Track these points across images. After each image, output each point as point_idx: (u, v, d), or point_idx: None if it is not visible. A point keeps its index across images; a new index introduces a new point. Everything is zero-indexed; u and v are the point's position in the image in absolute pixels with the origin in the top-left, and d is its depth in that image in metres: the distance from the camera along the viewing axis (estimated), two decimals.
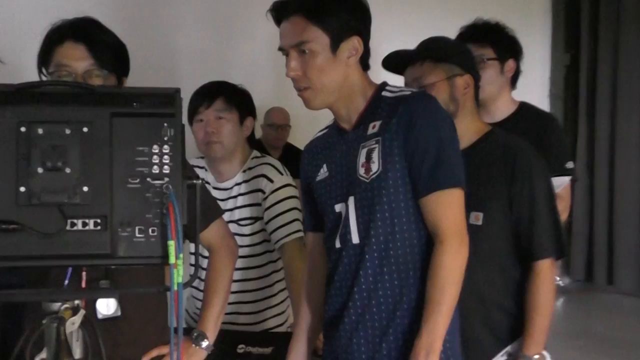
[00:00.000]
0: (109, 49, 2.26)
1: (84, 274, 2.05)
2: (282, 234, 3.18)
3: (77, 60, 2.21)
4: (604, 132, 7.75)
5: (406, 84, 2.74)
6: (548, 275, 2.62)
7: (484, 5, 5.16)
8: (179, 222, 1.46)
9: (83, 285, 2.02)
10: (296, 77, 2.28)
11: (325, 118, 2.57)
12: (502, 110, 3.34)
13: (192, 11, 5.76)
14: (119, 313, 2.21)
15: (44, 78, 2.26)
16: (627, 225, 7.58)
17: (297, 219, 3.20)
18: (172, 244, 1.45)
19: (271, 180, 3.23)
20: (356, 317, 2.30)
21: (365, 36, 2.31)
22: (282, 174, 3.28)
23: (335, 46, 2.25)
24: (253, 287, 3.27)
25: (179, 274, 1.47)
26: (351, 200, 2.29)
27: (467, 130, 2.61)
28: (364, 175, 2.26)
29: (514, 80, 3.38)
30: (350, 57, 2.28)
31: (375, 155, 2.24)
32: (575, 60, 8.10)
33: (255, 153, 3.37)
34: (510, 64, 3.31)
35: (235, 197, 3.25)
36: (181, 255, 1.47)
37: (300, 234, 3.18)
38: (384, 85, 2.38)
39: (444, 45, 2.80)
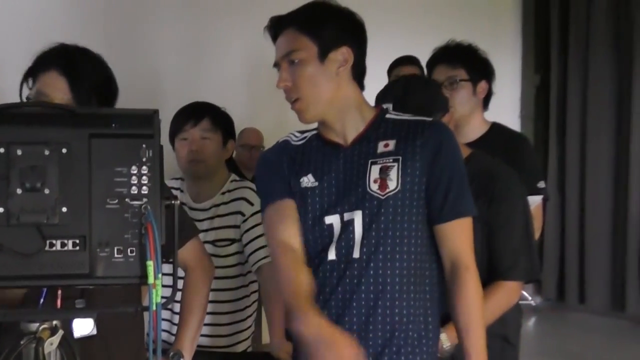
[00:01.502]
0: (91, 86, 2.26)
1: (59, 293, 2.05)
2: (261, 255, 3.18)
3: (57, 91, 2.21)
4: (575, 152, 7.82)
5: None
6: (512, 293, 2.69)
7: (455, 27, 5.21)
8: (157, 243, 1.47)
9: (59, 304, 2.02)
10: (286, 88, 2.28)
11: None
12: (474, 130, 3.37)
13: (164, 32, 5.77)
14: (95, 332, 2.21)
15: (24, 98, 2.26)
16: (598, 244, 7.64)
17: None
18: (150, 264, 1.46)
19: (251, 204, 3.25)
20: (351, 333, 2.23)
21: (357, 50, 2.31)
22: None
23: (323, 55, 2.25)
24: (225, 310, 3.27)
25: (157, 293, 1.47)
26: (358, 214, 2.27)
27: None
28: (377, 191, 2.25)
29: (486, 102, 3.41)
30: (340, 67, 2.28)
31: (393, 173, 2.24)
32: (545, 81, 8.18)
33: (235, 176, 3.40)
34: (482, 85, 3.34)
35: (212, 218, 3.26)
36: (160, 275, 1.48)
37: None
38: (385, 109, 2.41)
39: None
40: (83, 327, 2.18)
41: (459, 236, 2.27)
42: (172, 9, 5.75)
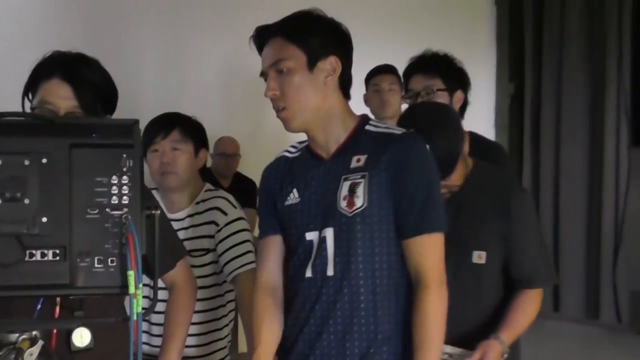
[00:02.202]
0: (94, 91, 2.26)
1: (58, 300, 2.05)
2: (236, 265, 3.18)
3: (61, 99, 2.21)
4: (549, 160, 7.86)
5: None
6: (539, 304, 2.77)
7: (430, 37, 5.23)
8: (138, 253, 1.47)
9: (56, 315, 2.02)
10: (274, 96, 2.28)
11: (278, 146, 2.59)
12: None
13: (141, 42, 5.76)
14: (92, 345, 2.19)
15: (27, 109, 2.25)
16: (572, 252, 7.68)
17: (250, 251, 3.22)
18: (131, 274, 1.46)
19: (225, 213, 3.25)
20: (329, 350, 2.29)
21: (344, 60, 2.33)
22: (235, 208, 3.31)
23: (312, 64, 2.26)
24: (201, 320, 3.26)
25: (138, 303, 1.47)
26: (329, 232, 2.28)
27: None
28: (345, 208, 2.26)
29: (462, 111, 3.43)
30: (328, 76, 2.29)
31: (360, 190, 2.24)
32: (519, 90, 8.22)
33: (209, 186, 3.40)
34: (458, 95, 3.36)
35: (186, 228, 3.26)
36: (141, 285, 1.48)
37: (254, 265, 3.19)
38: (366, 118, 2.40)
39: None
40: (81, 340, 2.16)
41: (422, 252, 2.25)
42: (149, 19, 5.74)
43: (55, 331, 2.10)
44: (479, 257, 2.68)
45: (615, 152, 7.38)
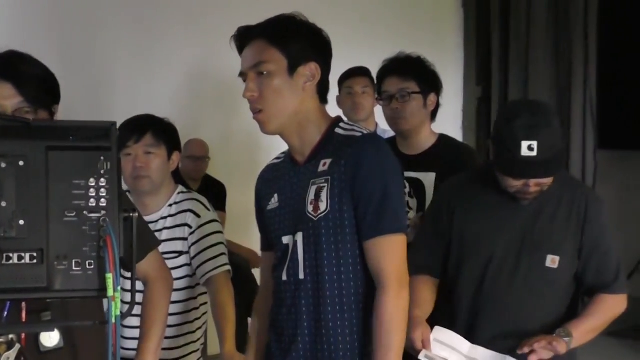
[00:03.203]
0: (37, 84, 2.22)
1: (23, 305, 2.02)
2: (210, 267, 3.18)
3: (5, 99, 2.17)
4: None
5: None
6: (618, 308, 2.80)
7: (398, 39, 5.26)
8: (116, 255, 1.47)
9: (23, 318, 2.00)
10: (252, 98, 2.29)
11: (248, 150, 2.59)
12: (423, 142, 3.42)
13: (109, 43, 5.72)
14: (62, 344, 2.17)
15: None
16: None
17: (223, 253, 3.23)
18: (110, 276, 1.46)
19: (198, 215, 3.25)
20: (304, 353, 2.31)
21: (324, 66, 2.34)
22: (208, 210, 3.31)
23: (292, 69, 2.27)
24: (174, 322, 3.24)
25: (116, 306, 1.47)
26: (299, 236, 2.30)
27: None
28: (312, 212, 2.27)
29: (434, 114, 3.46)
30: (307, 82, 2.30)
31: (324, 195, 2.26)
32: (486, 92, 8.28)
33: (182, 188, 3.39)
34: (432, 97, 3.39)
35: (160, 230, 3.24)
36: (119, 288, 1.47)
37: (227, 267, 3.21)
38: (338, 120, 2.40)
39: None
40: (50, 340, 2.14)
41: (381, 254, 2.25)
42: (117, 20, 5.71)
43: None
44: (552, 261, 2.69)
45: (582, 154, 7.46)
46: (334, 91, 2.73)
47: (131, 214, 1.56)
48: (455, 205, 2.83)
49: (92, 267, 1.49)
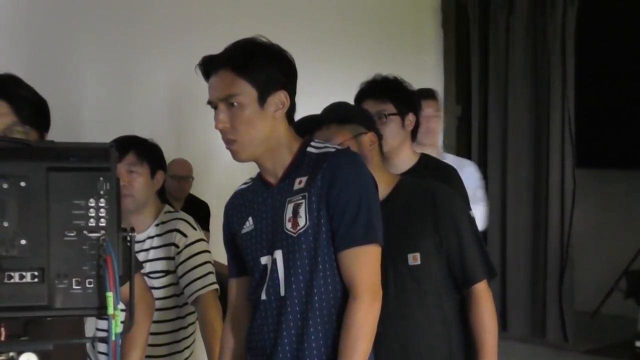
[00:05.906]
0: (30, 105, 2.24)
1: (2, 329, 2.03)
2: (198, 286, 3.21)
3: (1, 116, 2.19)
4: (496, 181, 7.97)
5: None
6: (486, 295, 2.78)
7: (378, 60, 5.31)
8: (116, 274, 1.50)
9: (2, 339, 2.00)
10: (224, 129, 2.32)
11: (231, 169, 2.61)
12: (404, 162, 3.45)
13: (89, 63, 5.71)
14: None
15: None
16: (519, 271, 7.79)
17: (211, 272, 3.25)
18: (110, 295, 1.49)
19: (185, 235, 3.27)
20: None
21: (291, 91, 2.38)
22: (195, 229, 3.34)
23: (262, 100, 2.30)
24: (161, 342, 3.27)
25: (117, 324, 1.50)
26: (279, 254, 2.33)
27: (380, 183, 2.71)
28: (290, 229, 2.31)
29: (414, 133, 3.50)
30: (277, 110, 2.34)
31: (302, 211, 2.30)
32: (466, 112, 8.35)
33: (168, 208, 3.41)
34: (410, 117, 3.42)
35: (147, 250, 3.27)
36: (119, 306, 1.50)
37: (215, 286, 3.23)
38: (309, 140, 2.45)
39: (346, 108, 2.96)
40: None
41: (354, 264, 2.29)
42: (96, 40, 5.70)
43: None
44: (414, 258, 2.71)
45: (560, 173, 7.54)
46: (311, 111, 2.77)
47: (130, 234, 1.59)
48: None
49: (92, 285, 1.52)
